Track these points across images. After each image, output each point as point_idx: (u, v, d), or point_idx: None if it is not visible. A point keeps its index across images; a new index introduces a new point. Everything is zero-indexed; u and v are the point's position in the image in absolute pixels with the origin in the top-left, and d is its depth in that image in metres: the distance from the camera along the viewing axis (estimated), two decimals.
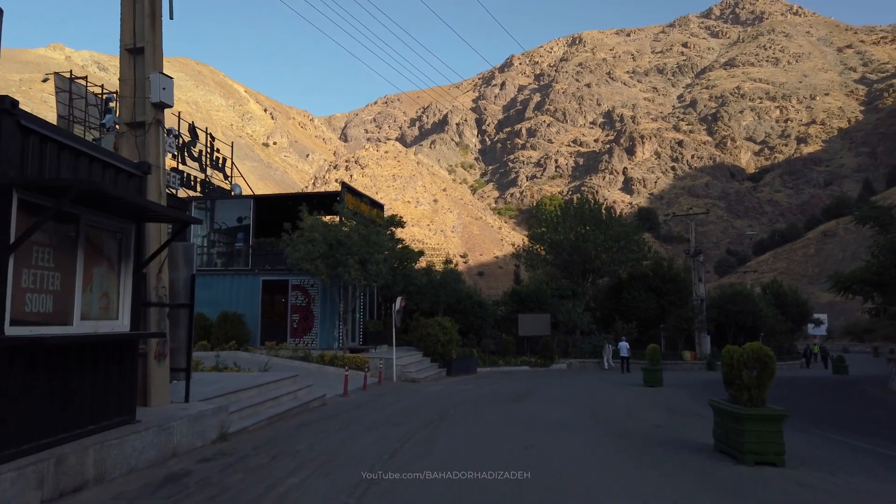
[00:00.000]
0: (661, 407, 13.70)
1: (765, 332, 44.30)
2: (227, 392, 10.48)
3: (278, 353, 22.29)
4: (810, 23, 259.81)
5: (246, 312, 23.99)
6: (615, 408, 13.40)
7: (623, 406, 13.80)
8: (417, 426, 10.10)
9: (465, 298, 31.13)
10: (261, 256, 24.81)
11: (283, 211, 23.48)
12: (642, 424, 10.87)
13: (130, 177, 7.17)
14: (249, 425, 9.76)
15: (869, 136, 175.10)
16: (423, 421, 10.71)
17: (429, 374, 22.68)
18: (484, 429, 9.95)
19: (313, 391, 13.74)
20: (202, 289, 25.22)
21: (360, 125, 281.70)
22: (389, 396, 15.29)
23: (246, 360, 21.69)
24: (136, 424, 7.04)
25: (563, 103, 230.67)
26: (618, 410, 12.86)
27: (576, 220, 38.67)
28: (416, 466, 7.06)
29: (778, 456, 7.08)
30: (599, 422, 11.08)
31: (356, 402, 13.79)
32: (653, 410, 12.96)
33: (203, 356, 17.64)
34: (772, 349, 26.64)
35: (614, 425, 10.76)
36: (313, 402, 12.88)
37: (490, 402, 13.94)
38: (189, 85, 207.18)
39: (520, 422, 10.80)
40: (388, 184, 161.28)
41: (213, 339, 23.36)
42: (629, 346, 30.39)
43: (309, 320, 23.82)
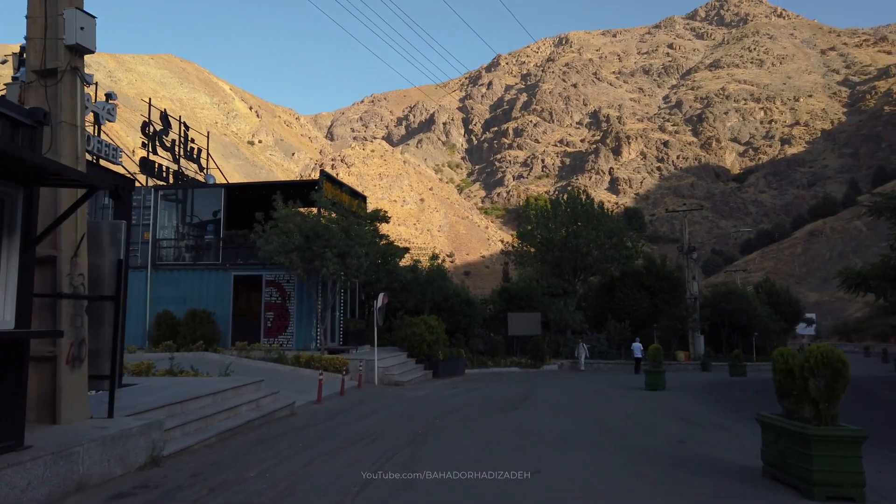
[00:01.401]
0: (674, 416, 12.20)
1: (758, 332, 43.30)
2: (171, 402, 8.76)
3: (250, 355, 20.52)
4: (794, 25, 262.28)
5: (216, 310, 22.20)
6: (623, 417, 11.88)
7: (632, 415, 12.28)
8: (399, 443, 8.48)
9: (453, 296, 29.53)
10: (232, 250, 22.98)
11: (258, 202, 21.64)
12: (661, 439, 9.33)
13: (16, 126, 5.44)
14: (194, 443, 8.05)
15: (852, 138, 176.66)
16: (405, 436, 9.08)
17: (414, 377, 21.03)
18: (478, 447, 8.35)
19: (281, 398, 12.04)
20: (169, 285, 23.39)
21: (346, 124, 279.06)
22: (369, 403, 13.63)
23: (214, 362, 19.91)
24: (22, 452, 5.32)
25: (550, 103, 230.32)
26: (627, 420, 11.33)
27: (567, 216, 37.25)
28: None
29: (857, 489, 5.55)
30: (611, 436, 9.52)
31: (330, 411, 12.12)
32: (667, 421, 11.46)
33: (157, 358, 15.86)
34: (767, 349, 24.14)
35: (629, 440, 9.21)
36: (280, 411, 11.18)
37: (482, 411, 12.35)
38: (173, 82, 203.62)
39: (519, 436, 9.21)
40: (375, 182, 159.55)
41: (179, 339, 21.53)
42: (643, 347, 28.82)
43: (284, 319, 22.04)
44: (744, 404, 15.10)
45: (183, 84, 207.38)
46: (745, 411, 13.75)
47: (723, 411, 13.13)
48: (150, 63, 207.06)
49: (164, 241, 23.78)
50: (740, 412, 13.26)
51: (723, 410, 13.26)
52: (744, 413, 13.16)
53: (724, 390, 18.93)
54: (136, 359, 18.06)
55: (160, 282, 23.27)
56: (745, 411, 13.84)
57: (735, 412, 13.12)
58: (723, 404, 14.74)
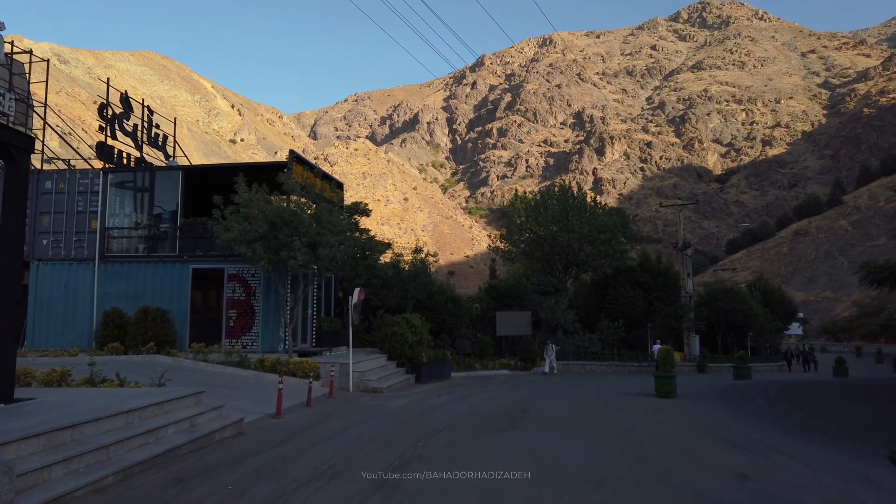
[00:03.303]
0: (711, 435, 10.05)
1: (753, 332, 41.77)
2: (60, 427, 6.41)
3: (207, 358, 18.10)
4: (775, 28, 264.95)
5: (172, 308, 19.74)
6: (652, 437, 9.69)
7: (661, 434, 10.08)
8: (365, 487, 6.18)
9: (437, 293, 27.34)
10: (191, 240, 20.47)
11: (221, 187, 19.13)
12: (717, 474, 7.12)
13: None
14: (77, 488, 5.72)
15: (832, 140, 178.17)
16: (373, 474, 6.74)
17: (394, 382, 18.76)
18: (479, 499, 6.04)
19: (226, 414, 9.71)
20: (120, 279, 20.81)
21: (329, 123, 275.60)
22: (338, 417, 11.35)
23: (165, 366, 17.45)
24: None
25: (534, 103, 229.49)
26: (660, 443, 9.11)
27: (558, 210, 35.22)
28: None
29: None
30: (653, 470, 7.24)
31: (288, 429, 9.82)
32: (707, 443, 9.29)
33: (75, 364, 13.41)
34: (762, 349, 21.09)
35: (678, 476, 6.99)
36: (222, 431, 8.86)
37: (474, 430, 10.10)
38: (154, 79, 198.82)
39: (535, 474, 6.82)
40: (358, 181, 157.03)
41: (129, 341, 19.06)
42: None
43: (249, 317, 19.61)
44: (783, 417, 13.02)
45: (164, 81, 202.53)
46: (789, 426, 11.70)
47: (766, 427, 11.02)
48: (130, 60, 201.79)
49: (115, 231, 21.19)
50: (787, 428, 11.20)
51: (764, 426, 11.16)
52: (791, 429, 11.10)
53: (741, 397, 16.92)
54: (72, 363, 15.60)
55: (109, 276, 20.70)
56: (790, 426, 11.80)
57: (781, 429, 11.03)
58: (756, 416, 12.65)
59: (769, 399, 16.27)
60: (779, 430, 10.72)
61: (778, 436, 9.94)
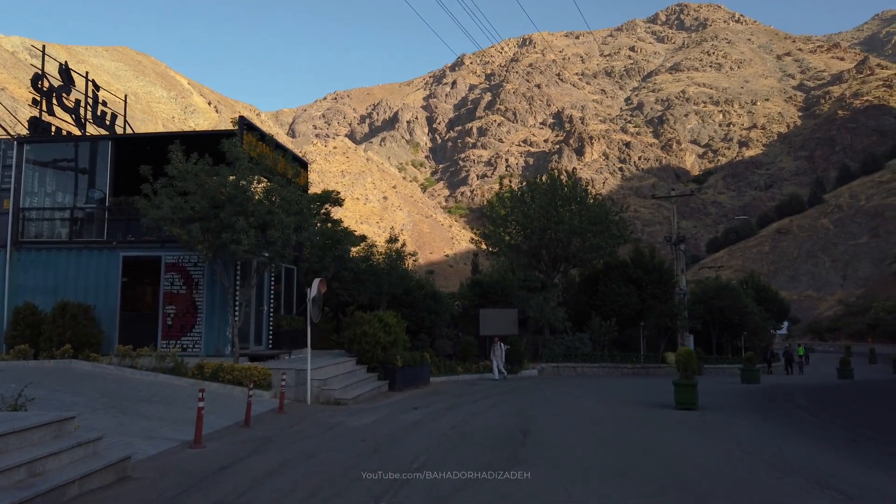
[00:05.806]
0: (787, 471, 7.20)
1: (748, 332, 39.73)
2: None
3: (135, 363, 14.94)
4: (751, 30, 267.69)
5: (98, 303, 16.54)
6: (713, 480, 6.83)
7: (715, 471, 7.27)
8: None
9: (416, 289, 24.45)
10: (122, 223, 17.25)
11: (161, 162, 15.97)
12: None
13: None
14: None
15: (807, 141, 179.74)
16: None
17: (362, 392, 15.81)
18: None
19: (104, 450, 6.69)
20: (36, 269, 17.42)
21: (308, 121, 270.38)
22: (275, 449, 8.38)
23: (83, 373, 14.31)
24: None
25: (514, 103, 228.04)
26: (730, 492, 6.30)
27: (546, 199, 32.56)
28: None
29: None
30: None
31: (196, 472, 6.83)
32: (792, 487, 6.53)
33: None
34: (756, 350, 17.45)
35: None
36: (85, 481, 5.85)
37: (461, 471, 7.08)
38: (128, 75, 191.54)
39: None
40: (337, 180, 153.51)
41: (43, 342, 15.81)
42: None
43: (190, 315, 16.46)
44: (844, 434, 10.37)
45: (139, 77, 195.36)
46: (866, 450, 9.02)
47: (844, 456, 8.30)
48: (105, 55, 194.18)
49: (32, 212, 17.86)
50: (866, 454, 8.56)
51: (832, 450, 8.53)
52: (868, 453, 8.47)
53: (772, 406, 14.37)
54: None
55: (24, 265, 17.37)
56: (867, 450, 9.11)
57: (855, 453, 8.38)
58: (813, 435, 9.92)
59: (806, 408, 13.72)
60: (854, 455, 8.10)
61: (866, 472, 7.27)
